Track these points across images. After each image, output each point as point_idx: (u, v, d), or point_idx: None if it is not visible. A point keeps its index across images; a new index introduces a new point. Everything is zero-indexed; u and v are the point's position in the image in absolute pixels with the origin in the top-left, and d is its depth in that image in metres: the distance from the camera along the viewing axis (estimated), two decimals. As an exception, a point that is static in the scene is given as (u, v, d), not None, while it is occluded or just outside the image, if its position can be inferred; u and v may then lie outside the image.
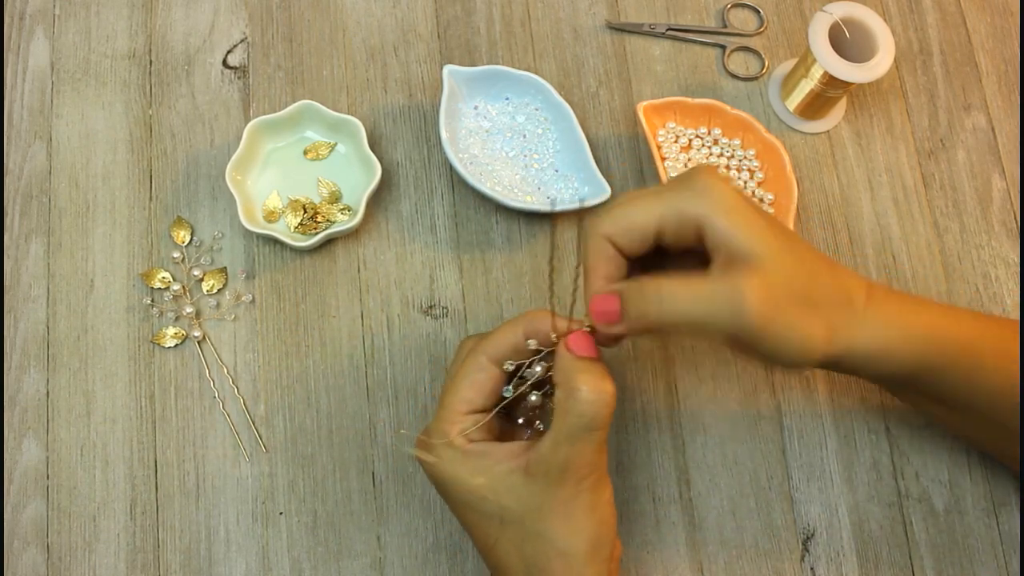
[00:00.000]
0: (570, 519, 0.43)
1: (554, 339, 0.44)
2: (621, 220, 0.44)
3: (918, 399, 0.52)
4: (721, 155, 0.62)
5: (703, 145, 0.62)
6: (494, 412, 0.46)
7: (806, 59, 0.60)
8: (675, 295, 0.42)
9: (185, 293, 0.58)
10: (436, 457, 0.45)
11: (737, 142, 0.62)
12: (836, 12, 0.58)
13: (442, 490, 0.47)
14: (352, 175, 0.60)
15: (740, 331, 0.41)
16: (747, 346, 0.43)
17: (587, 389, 0.42)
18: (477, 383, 0.45)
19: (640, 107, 0.60)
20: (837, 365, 0.46)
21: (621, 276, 0.46)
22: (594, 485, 0.44)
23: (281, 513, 0.55)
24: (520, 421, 0.48)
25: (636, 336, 0.48)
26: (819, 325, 0.43)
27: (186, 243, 0.59)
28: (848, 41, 0.59)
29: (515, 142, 0.61)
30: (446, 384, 0.47)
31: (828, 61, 0.58)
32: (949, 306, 0.49)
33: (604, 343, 0.45)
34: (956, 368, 0.47)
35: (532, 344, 0.45)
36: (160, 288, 0.58)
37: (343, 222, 0.58)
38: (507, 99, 0.62)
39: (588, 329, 0.45)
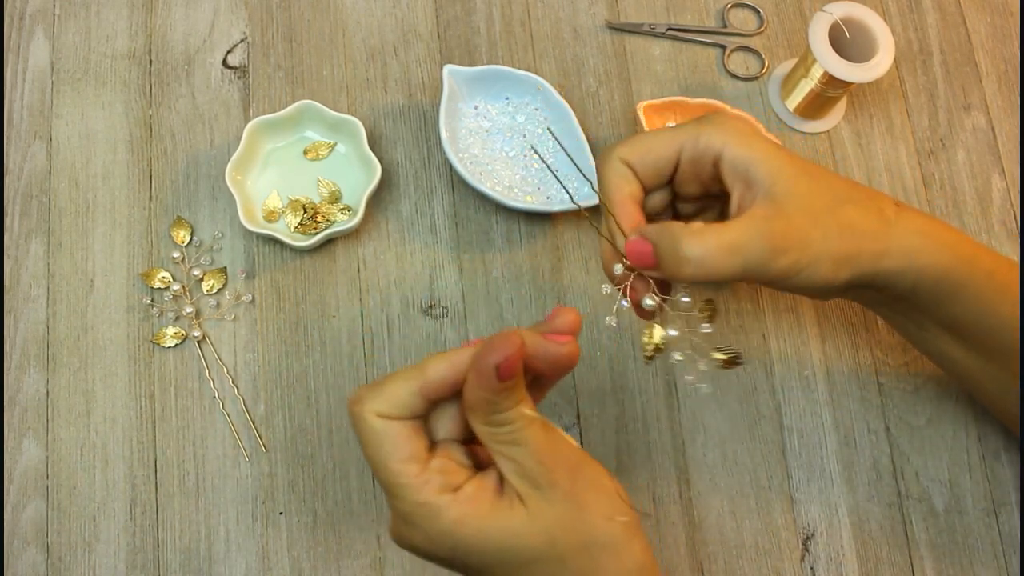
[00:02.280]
0: (585, 506, 0.39)
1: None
2: (639, 145, 0.45)
3: (939, 334, 0.50)
4: (721, 155, 0.62)
5: (703, 145, 0.62)
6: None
7: (806, 59, 0.60)
8: (706, 241, 0.42)
9: (185, 293, 0.58)
10: (424, 535, 0.39)
11: (737, 142, 0.62)
12: (836, 12, 0.58)
13: (460, 561, 0.40)
14: (352, 175, 0.60)
15: (771, 276, 0.42)
16: (772, 283, 0.44)
17: (501, 418, 0.39)
18: (403, 436, 0.39)
19: (640, 107, 0.60)
20: (872, 278, 0.45)
21: (639, 199, 0.45)
22: (580, 463, 0.40)
23: (281, 513, 0.55)
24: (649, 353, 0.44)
25: (673, 281, 0.46)
26: (846, 242, 0.43)
27: (186, 243, 0.59)
28: (848, 41, 0.59)
29: (515, 142, 0.61)
30: (375, 470, 0.40)
31: (828, 61, 0.58)
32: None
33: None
34: (982, 292, 0.46)
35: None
36: (160, 288, 0.58)
37: (343, 222, 0.58)
38: (507, 99, 0.62)
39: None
